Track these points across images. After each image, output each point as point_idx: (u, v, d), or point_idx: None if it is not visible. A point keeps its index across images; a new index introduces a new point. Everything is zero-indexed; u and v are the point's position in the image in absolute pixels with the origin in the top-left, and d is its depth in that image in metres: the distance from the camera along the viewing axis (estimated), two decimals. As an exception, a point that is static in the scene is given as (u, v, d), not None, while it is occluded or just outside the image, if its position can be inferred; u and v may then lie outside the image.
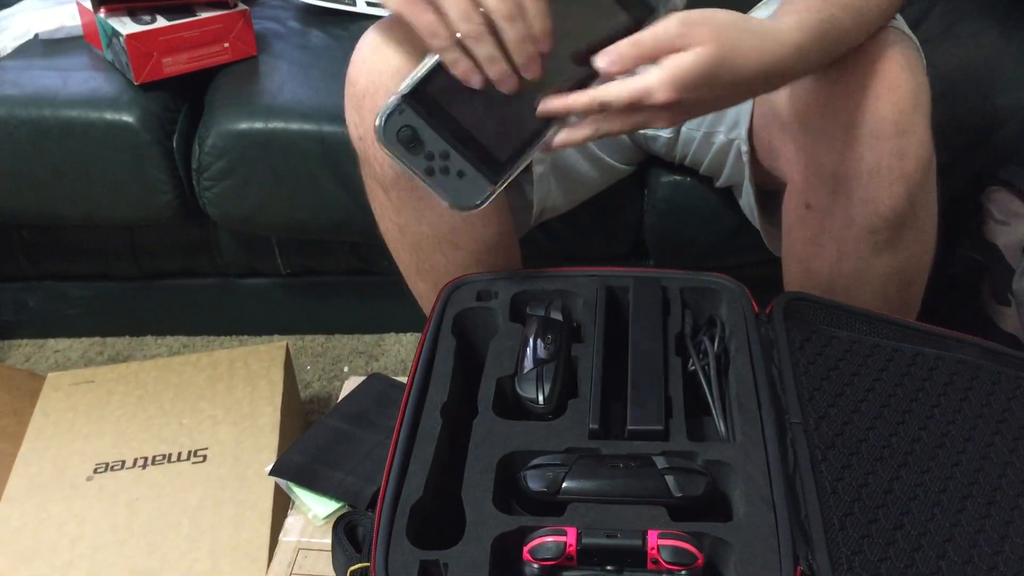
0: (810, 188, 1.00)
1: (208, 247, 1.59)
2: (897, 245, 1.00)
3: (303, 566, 0.93)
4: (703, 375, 0.89)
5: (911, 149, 0.93)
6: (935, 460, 0.83)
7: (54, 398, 1.35)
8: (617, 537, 0.71)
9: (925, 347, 0.94)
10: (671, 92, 0.81)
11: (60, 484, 1.20)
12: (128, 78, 1.44)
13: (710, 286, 0.96)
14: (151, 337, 1.71)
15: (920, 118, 0.93)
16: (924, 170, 0.95)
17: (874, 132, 0.92)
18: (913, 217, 0.98)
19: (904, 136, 0.93)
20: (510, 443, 0.81)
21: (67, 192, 1.46)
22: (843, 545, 0.73)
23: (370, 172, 1.05)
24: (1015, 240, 1.29)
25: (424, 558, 0.72)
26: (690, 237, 1.40)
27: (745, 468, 0.79)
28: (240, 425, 1.26)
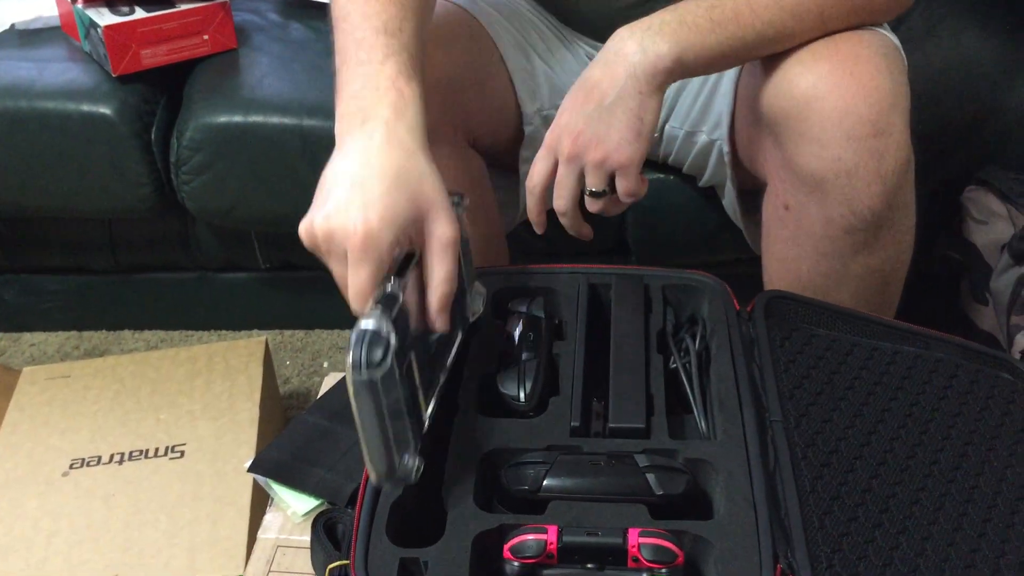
0: (788, 189, 1.01)
1: (186, 241, 1.58)
2: (875, 245, 1.01)
3: (282, 564, 0.93)
4: (684, 373, 0.89)
5: (889, 150, 0.94)
6: (914, 458, 0.83)
7: (29, 392, 1.34)
8: (598, 535, 0.71)
9: (904, 345, 0.95)
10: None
11: (35, 479, 1.19)
12: (106, 70, 1.43)
13: (692, 284, 0.96)
14: (128, 331, 1.70)
15: (898, 119, 0.94)
16: (902, 171, 0.96)
17: (851, 133, 0.93)
18: (891, 218, 0.99)
19: (882, 137, 0.93)
20: (491, 441, 0.81)
21: (43, 184, 1.45)
22: (823, 543, 0.73)
23: None
24: (993, 239, 1.30)
25: (404, 556, 0.72)
26: (672, 235, 1.40)
27: (726, 466, 0.79)
28: (218, 421, 1.25)
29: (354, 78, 0.82)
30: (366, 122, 0.79)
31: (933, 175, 1.07)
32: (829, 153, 0.94)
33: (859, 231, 0.99)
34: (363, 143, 0.78)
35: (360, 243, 0.74)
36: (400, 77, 0.81)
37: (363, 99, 0.81)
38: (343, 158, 0.79)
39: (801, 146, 0.95)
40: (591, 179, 0.94)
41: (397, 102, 0.80)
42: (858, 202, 0.96)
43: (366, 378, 0.68)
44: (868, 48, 0.94)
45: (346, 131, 0.80)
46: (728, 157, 1.14)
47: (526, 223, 1.23)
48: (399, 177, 0.77)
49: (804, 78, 0.94)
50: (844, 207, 0.97)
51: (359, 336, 0.69)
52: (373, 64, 0.82)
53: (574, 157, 0.93)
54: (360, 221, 0.74)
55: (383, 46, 0.83)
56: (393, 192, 0.76)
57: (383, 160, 0.77)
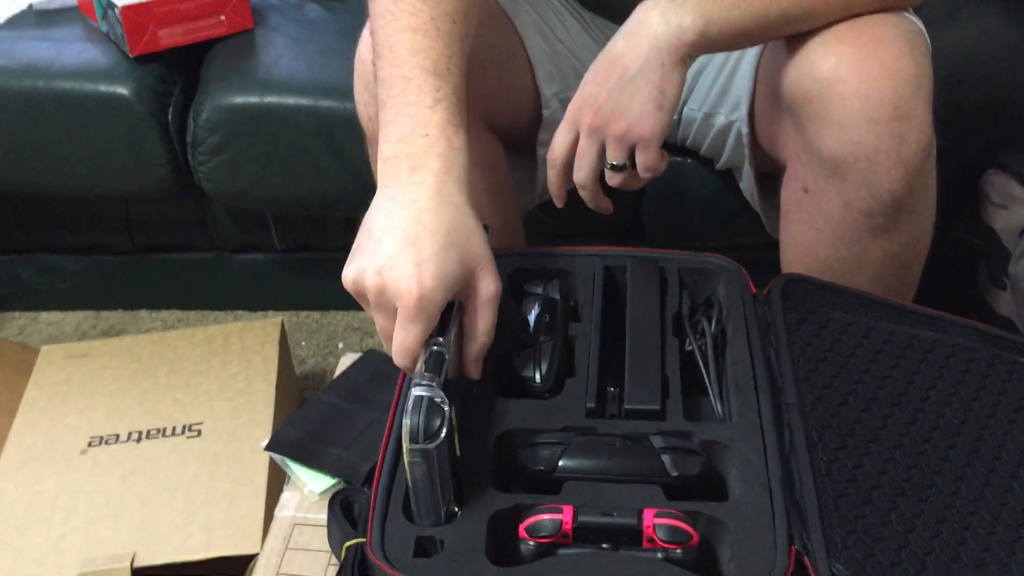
0: (808, 172, 1.00)
1: (203, 221, 1.59)
2: (894, 230, 1.00)
3: (299, 541, 0.93)
4: (700, 355, 0.89)
5: (911, 134, 0.93)
6: (930, 442, 0.83)
7: (48, 371, 1.34)
8: (613, 516, 0.71)
9: (921, 329, 0.94)
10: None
11: (54, 457, 1.20)
12: (123, 50, 1.43)
13: (708, 266, 0.96)
14: (145, 311, 1.71)
15: (920, 103, 0.93)
16: (923, 155, 0.95)
17: (873, 116, 0.92)
18: (911, 202, 0.98)
19: (904, 121, 0.92)
20: (507, 421, 0.81)
21: (61, 165, 1.45)
22: (837, 525, 0.73)
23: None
24: (1013, 224, 1.29)
25: (420, 535, 0.72)
26: (688, 218, 1.40)
27: (741, 448, 0.79)
28: (235, 401, 1.26)
29: (401, 119, 0.81)
30: (415, 171, 0.79)
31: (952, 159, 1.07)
32: (850, 136, 0.93)
33: (879, 215, 0.98)
34: (413, 194, 0.78)
35: (415, 304, 0.74)
36: (449, 126, 0.80)
37: (412, 144, 0.80)
38: (392, 208, 0.78)
39: (822, 129, 0.95)
40: (612, 152, 0.94)
41: (447, 153, 0.80)
42: (878, 186, 0.95)
43: (423, 447, 0.70)
44: (892, 31, 0.93)
45: (393, 177, 0.80)
46: (747, 139, 1.13)
47: (542, 206, 1.24)
48: (450, 235, 0.77)
49: (827, 60, 0.93)
50: (864, 191, 0.96)
51: (416, 403, 0.70)
52: (422, 108, 0.80)
53: (595, 129, 0.93)
54: (415, 281, 0.74)
55: (432, 89, 0.81)
56: (447, 250, 0.76)
57: (436, 217, 0.77)
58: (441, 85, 0.81)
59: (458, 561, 0.70)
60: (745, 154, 1.15)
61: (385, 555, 0.71)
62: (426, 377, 0.72)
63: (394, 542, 0.72)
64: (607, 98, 0.92)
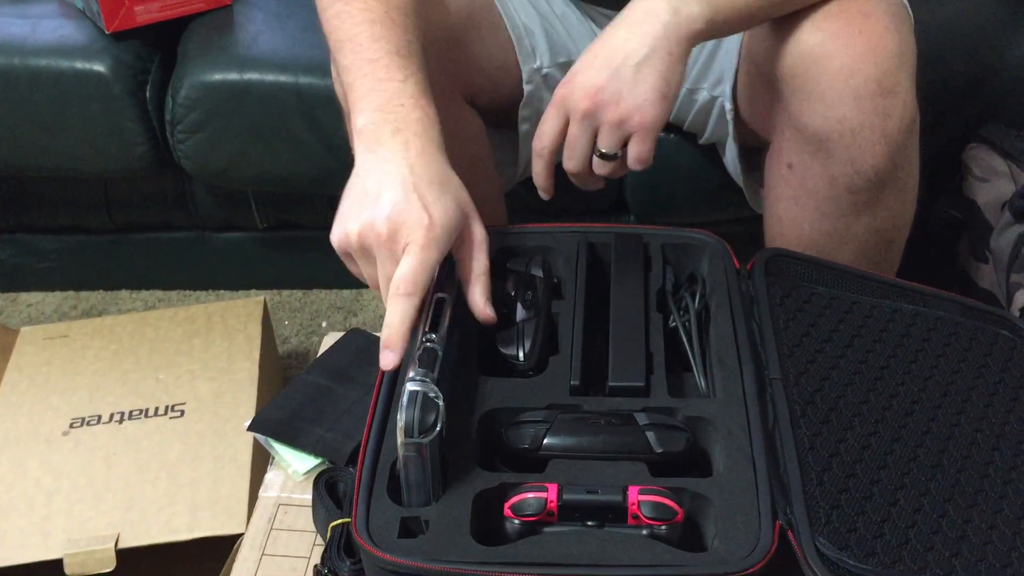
0: (792, 147, 1.00)
1: (183, 200, 1.58)
2: (877, 205, 1.00)
3: (283, 522, 0.93)
4: (684, 331, 0.89)
5: (895, 109, 0.93)
6: (912, 416, 0.84)
7: (28, 352, 1.33)
8: (598, 493, 0.72)
9: (903, 303, 0.95)
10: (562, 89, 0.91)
11: (36, 439, 1.19)
12: (99, 26, 1.42)
13: (692, 242, 0.96)
14: (126, 291, 1.70)
15: (904, 78, 0.93)
16: (907, 130, 0.95)
17: (857, 92, 0.92)
18: (895, 177, 0.98)
19: (888, 96, 0.93)
20: (491, 400, 0.81)
21: (37, 143, 1.44)
22: (821, 500, 0.74)
23: None
24: (994, 197, 1.30)
25: (405, 515, 0.72)
26: (671, 194, 1.40)
27: (725, 424, 0.79)
28: (218, 380, 1.25)
29: (374, 93, 0.83)
30: (397, 133, 0.81)
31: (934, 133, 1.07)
32: (834, 112, 0.93)
33: (862, 191, 0.98)
34: (401, 152, 0.80)
35: (429, 232, 0.77)
36: (423, 97, 0.83)
37: (391, 112, 0.82)
38: (383, 166, 0.80)
39: (806, 104, 0.95)
40: (605, 139, 0.91)
41: (424, 119, 0.82)
42: (862, 161, 0.96)
43: (418, 441, 0.71)
44: (877, 6, 0.93)
45: (374, 142, 0.81)
46: (730, 114, 1.13)
47: (524, 182, 1.23)
48: (443, 184, 0.81)
49: (813, 36, 0.93)
50: (848, 166, 0.96)
51: (411, 398, 0.72)
52: (394, 82, 0.83)
53: (590, 114, 0.90)
54: (427, 215, 0.77)
55: (401, 67, 0.84)
56: (446, 195, 0.80)
57: (429, 168, 0.80)
58: (407, 63, 0.85)
59: (443, 540, 0.70)
60: (729, 129, 1.15)
61: (370, 535, 0.71)
62: (420, 372, 0.73)
63: (379, 522, 0.72)
64: (607, 83, 0.89)
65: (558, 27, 1.17)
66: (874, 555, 0.71)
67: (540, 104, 1.17)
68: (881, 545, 0.72)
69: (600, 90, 0.89)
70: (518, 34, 1.14)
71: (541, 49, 1.15)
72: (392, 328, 0.77)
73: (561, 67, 1.16)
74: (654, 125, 0.90)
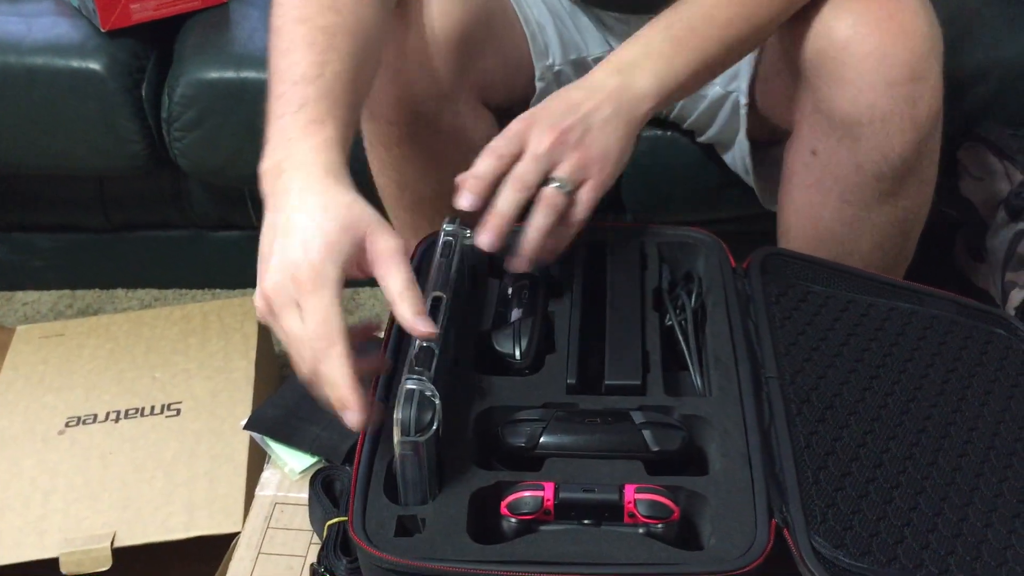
0: (818, 134, 0.99)
1: (179, 199, 1.58)
2: (900, 194, 1.00)
3: (280, 520, 0.93)
4: (680, 330, 0.89)
5: (924, 96, 0.93)
6: (907, 415, 0.84)
7: (24, 351, 1.33)
8: (594, 491, 0.72)
9: (899, 302, 0.95)
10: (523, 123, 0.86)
11: (32, 438, 1.19)
12: (95, 24, 1.42)
13: (688, 241, 0.96)
14: (122, 290, 1.70)
15: (935, 63, 0.93)
16: (935, 118, 0.95)
17: (889, 78, 0.91)
18: (919, 165, 0.98)
19: (918, 82, 0.92)
20: (488, 398, 0.81)
21: (33, 141, 1.44)
22: (817, 498, 0.74)
23: (375, 129, 1.04)
24: (990, 196, 1.30)
25: (402, 514, 0.72)
26: (668, 192, 1.40)
27: (721, 422, 0.79)
28: (214, 379, 1.25)
29: (271, 134, 0.80)
30: (279, 177, 0.78)
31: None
32: (865, 97, 0.92)
33: (888, 178, 0.98)
34: (282, 199, 0.77)
35: (311, 272, 0.72)
36: (312, 124, 0.79)
37: (277, 153, 0.79)
38: (268, 224, 0.77)
39: (836, 89, 0.94)
40: (566, 170, 0.86)
41: (309, 148, 0.78)
42: (890, 148, 0.95)
43: (415, 440, 0.71)
44: None
45: (269, 189, 0.79)
46: (745, 109, 1.12)
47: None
48: (325, 212, 0.75)
49: (843, 20, 0.92)
50: (876, 153, 0.96)
51: (407, 396, 0.71)
52: (287, 117, 0.80)
53: (552, 150, 0.85)
54: (304, 255, 0.72)
55: (299, 97, 0.80)
56: (324, 226, 0.74)
57: (304, 204, 0.75)
58: (307, 90, 0.80)
59: (440, 539, 0.70)
60: (741, 124, 1.15)
61: (367, 534, 0.71)
62: (416, 371, 0.72)
63: (375, 521, 0.72)
64: (576, 125, 0.86)
65: (569, 24, 1.17)
66: (870, 553, 0.72)
67: None
68: (877, 543, 0.72)
69: (569, 130, 0.86)
70: (532, 31, 1.13)
71: (554, 46, 1.15)
72: (338, 387, 0.71)
73: (573, 64, 1.16)
74: (607, 181, 0.88)
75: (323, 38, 0.83)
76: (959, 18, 1.34)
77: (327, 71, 0.82)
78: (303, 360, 0.73)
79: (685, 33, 0.90)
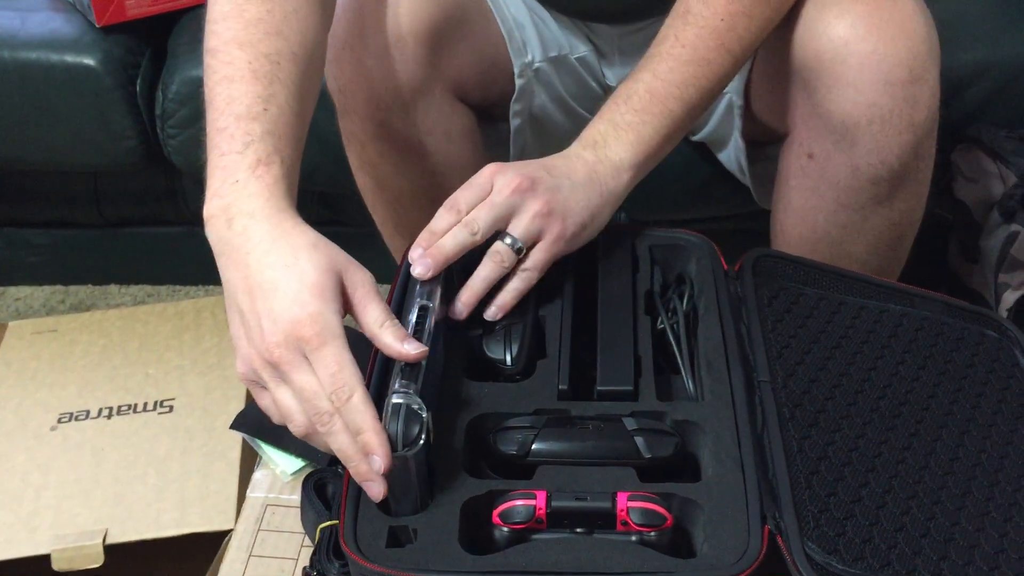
0: (814, 137, 0.99)
1: (173, 195, 1.57)
2: (896, 197, 1.00)
3: (271, 523, 0.93)
4: (672, 334, 0.89)
5: (923, 97, 0.92)
6: (899, 417, 0.84)
7: (16, 347, 1.33)
8: (587, 500, 0.71)
9: (890, 303, 0.95)
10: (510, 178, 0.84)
11: (24, 433, 1.19)
12: (89, 20, 1.41)
13: (679, 243, 0.96)
14: (115, 286, 1.70)
15: (932, 65, 0.92)
16: (932, 121, 0.95)
17: (889, 77, 0.91)
18: (916, 168, 0.98)
19: (918, 83, 0.92)
20: (478, 405, 0.81)
21: (27, 137, 1.44)
22: (810, 503, 0.74)
23: (349, 126, 1.04)
24: (984, 198, 1.30)
25: (393, 524, 0.72)
26: (661, 190, 1.39)
27: (714, 427, 0.79)
28: (207, 376, 1.25)
29: (215, 172, 0.78)
30: (232, 222, 0.76)
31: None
32: (864, 98, 0.92)
33: (884, 181, 0.97)
34: (243, 247, 0.75)
35: (317, 331, 0.71)
36: (260, 165, 0.77)
37: (224, 196, 0.76)
38: (236, 274, 0.75)
39: (834, 91, 0.93)
40: (521, 226, 0.84)
41: (259, 191, 0.76)
42: (888, 151, 0.95)
43: (403, 455, 0.71)
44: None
45: (217, 236, 0.77)
46: (739, 110, 1.12)
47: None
48: (299, 256, 0.74)
49: (841, 20, 0.91)
50: (873, 156, 0.95)
51: (394, 411, 0.71)
52: (232, 155, 0.77)
53: (516, 193, 0.84)
54: (305, 313, 0.71)
55: (243, 134, 0.78)
56: (307, 275, 0.73)
57: (275, 256, 0.74)
58: (253, 128, 0.78)
59: (431, 550, 0.70)
60: (735, 124, 1.14)
61: (358, 546, 0.70)
62: (403, 384, 0.72)
63: (367, 532, 0.72)
64: (545, 179, 0.85)
65: (549, 22, 1.17)
66: (863, 559, 0.72)
67: (532, 99, 1.16)
68: (870, 549, 0.72)
69: (538, 181, 0.85)
70: (508, 28, 1.13)
71: (532, 44, 1.15)
72: (364, 432, 0.70)
73: (552, 61, 1.16)
74: (566, 243, 0.86)
75: (267, 67, 0.81)
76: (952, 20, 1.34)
77: (272, 106, 0.80)
78: (316, 413, 0.72)
79: (645, 101, 0.90)
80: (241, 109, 0.79)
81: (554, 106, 1.20)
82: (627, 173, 0.89)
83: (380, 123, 1.03)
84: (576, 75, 1.19)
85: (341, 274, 0.75)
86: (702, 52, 0.90)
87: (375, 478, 0.71)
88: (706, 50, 0.90)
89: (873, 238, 1.03)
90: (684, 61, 0.90)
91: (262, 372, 0.74)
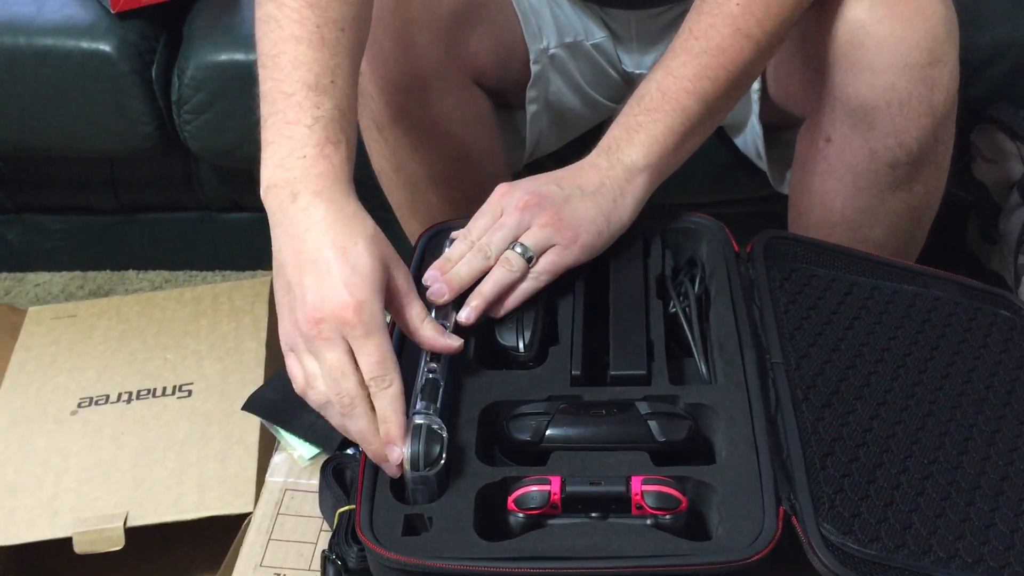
0: (832, 120, 0.98)
1: (189, 180, 1.58)
2: (915, 180, 0.99)
3: (290, 507, 0.94)
4: (684, 317, 0.88)
5: (942, 80, 0.91)
6: (913, 398, 0.84)
7: (36, 332, 1.34)
8: (601, 484, 0.71)
9: (902, 284, 0.94)
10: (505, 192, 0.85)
11: (44, 418, 1.20)
12: (104, 6, 1.42)
13: (690, 226, 0.95)
14: (133, 272, 1.70)
15: (951, 47, 0.92)
16: (951, 104, 0.94)
17: (907, 60, 0.90)
18: (934, 152, 0.97)
19: (936, 66, 0.91)
20: (492, 393, 0.81)
21: (44, 123, 1.44)
22: (824, 484, 0.74)
23: (366, 111, 1.04)
24: (1003, 178, 1.29)
25: (408, 512, 0.73)
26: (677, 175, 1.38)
27: (727, 410, 0.79)
28: (225, 360, 1.26)
29: (280, 140, 0.78)
30: (297, 198, 0.77)
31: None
32: (883, 81, 0.91)
33: (903, 165, 0.97)
34: (304, 223, 0.76)
35: (363, 318, 0.73)
36: (328, 144, 0.78)
37: (290, 168, 0.77)
38: (292, 246, 0.76)
39: (853, 75, 0.93)
40: (532, 236, 0.85)
41: (326, 171, 0.77)
42: (907, 134, 0.94)
43: (424, 474, 0.73)
44: None
45: (278, 206, 0.78)
46: (757, 94, 1.11)
47: (530, 165, 1.23)
48: (357, 243, 0.75)
49: (859, 2, 0.90)
50: (891, 139, 0.95)
51: (415, 432, 0.72)
52: (300, 127, 0.78)
53: (526, 209, 0.85)
54: (351, 297, 0.73)
55: (312, 106, 0.78)
56: (361, 259, 0.74)
57: (336, 235, 0.75)
58: (322, 101, 0.79)
59: (447, 537, 0.71)
60: (753, 109, 1.14)
61: (374, 534, 0.71)
62: (423, 405, 0.74)
63: (383, 520, 0.72)
64: (554, 194, 0.86)
65: (565, 7, 1.16)
66: (878, 540, 0.72)
67: (548, 85, 1.16)
68: (885, 529, 0.73)
69: (545, 196, 0.85)
70: (524, 14, 1.13)
71: (548, 29, 1.14)
72: (390, 423, 0.73)
73: (568, 47, 1.16)
74: (578, 252, 0.86)
75: (334, 34, 0.81)
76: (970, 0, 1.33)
77: (339, 79, 0.80)
78: (339, 393, 0.74)
79: (657, 100, 0.89)
80: (310, 78, 0.79)
81: (570, 92, 1.19)
82: (641, 175, 0.89)
83: (397, 107, 1.03)
84: (592, 61, 1.18)
85: (390, 269, 0.77)
86: (716, 41, 0.88)
87: (391, 460, 0.73)
88: (720, 38, 0.88)
89: (891, 221, 1.03)
90: (696, 53, 0.88)
91: (298, 340, 0.76)
